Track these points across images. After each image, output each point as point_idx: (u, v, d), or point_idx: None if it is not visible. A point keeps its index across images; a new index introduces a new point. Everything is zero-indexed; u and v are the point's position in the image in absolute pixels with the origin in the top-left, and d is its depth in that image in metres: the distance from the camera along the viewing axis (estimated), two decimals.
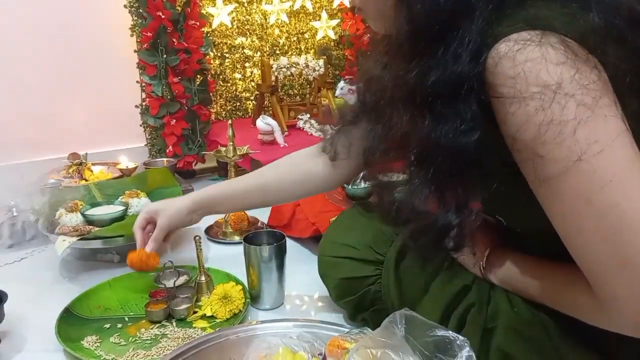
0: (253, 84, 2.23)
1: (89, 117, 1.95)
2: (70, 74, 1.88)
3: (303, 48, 2.33)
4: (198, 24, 1.82)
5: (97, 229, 1.23)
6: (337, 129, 0.91)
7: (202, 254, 1.09)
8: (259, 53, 2.23)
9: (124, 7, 1.75)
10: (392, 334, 0.62)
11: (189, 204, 1.00)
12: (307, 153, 0.98)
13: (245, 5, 2.17)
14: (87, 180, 1.63)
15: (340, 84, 2.04)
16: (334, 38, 2.32)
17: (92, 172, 1.71)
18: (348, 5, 2.26)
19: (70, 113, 1.91)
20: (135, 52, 1.78)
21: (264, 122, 1.81)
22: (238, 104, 2.24)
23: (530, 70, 0.50)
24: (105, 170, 1.75)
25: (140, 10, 1.74)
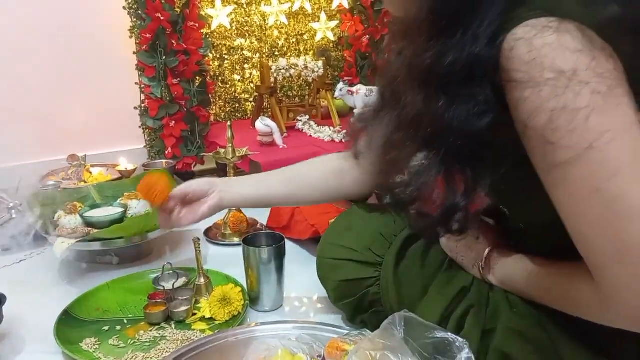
0: (252, 86, 2.23)
1: (88, 118, 1.95)
2: (70, 75, 1.88)
3: (302, 49, 2.33)
4: (197, 26, 1.82)
5: (96, 231, 1.22)
6: (359, 127, 0.91)
7: (201, 256, 1.09)
8: (258, 54, 2.23)
9: (123, 8, 1.75)
10: (391, 336, 0.62)
11: (224, 204, 0.96)
12: (337, 154, 0.99)
13: (245, 7, 2.17)
14: (86, 182, 1.63)
15: (340, 86, 2.04)
16: (333, 39, 2.32)
17: (91, 173, 1.71)
18: (347, 7, 2.27)
19: (70, 114, 1.92)
20: (135, 53, 1.78)
21: (263, 123, 1.81)
22: (237, 106, 2.24)
23: (546, 56, 0.50)
24: (105, 172, 1.75)
25: (140, 12, 1.74)
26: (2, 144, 1.78)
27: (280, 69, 1.99)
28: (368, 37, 2.27)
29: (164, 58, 1.76)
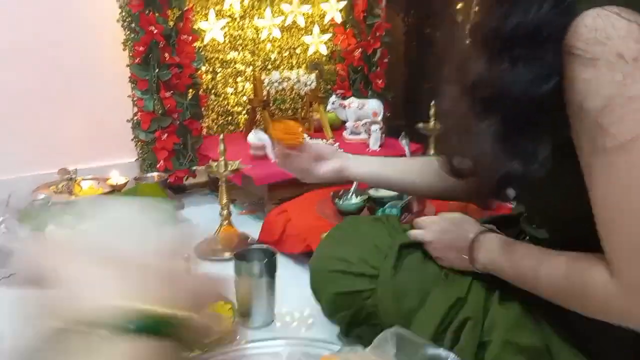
0: (245, 99, 2.23)
1: (80, 131, 1.94)
2: (62, 88, 1.87)
3: (295, 63, 2.34)
4: (190, 39, 1.82)
5: None
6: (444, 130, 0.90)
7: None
8: (251, 68, 2.24)
9: (117, 21, 1.75)
10: (383, 353, 0.62)
11: (348, 172, 0.98)
12: None
13: (238, 21, 2.18)
14: (76, 196, 1.61)
15: (332, 99, 2.04)
16: (326, 53, 2.33)
17: (81, 187, 1.70)
18: (339, 21, 2.28)
19: (61, 127, 1.90)
20: (128, 66, 1.78)
21: (257, 136, 1.80)
22: (230, 118, 2.24)
23: (611, 39, 0.51)
24: (95, 186, 1.73)
25: (133, 25, 1.74)
26: None
27: (273, 82, 1.99)
28: (360, 50, 2.28)
29: (157, 71, 1.76)
